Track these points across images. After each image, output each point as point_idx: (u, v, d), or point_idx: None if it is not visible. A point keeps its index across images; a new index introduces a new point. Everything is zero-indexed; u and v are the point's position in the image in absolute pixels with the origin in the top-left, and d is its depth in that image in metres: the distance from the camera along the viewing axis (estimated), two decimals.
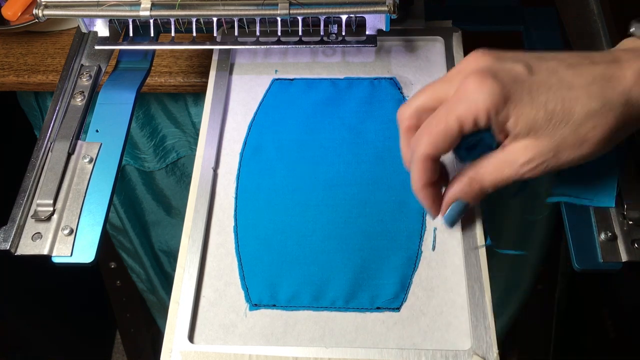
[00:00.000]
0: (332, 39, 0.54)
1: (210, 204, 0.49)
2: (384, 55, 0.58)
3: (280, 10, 0.49)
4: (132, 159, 0.85)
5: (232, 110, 0.55)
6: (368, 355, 0.41)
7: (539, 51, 0.41)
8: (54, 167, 0.49)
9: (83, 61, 0.57)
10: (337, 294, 0.44)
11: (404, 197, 0.48)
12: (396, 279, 0.45)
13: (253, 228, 0.48)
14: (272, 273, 0.46)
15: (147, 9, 0.50)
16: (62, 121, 0.52)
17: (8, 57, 0.71)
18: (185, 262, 0.46)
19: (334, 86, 0.55)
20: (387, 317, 0.44)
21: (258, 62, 0.58)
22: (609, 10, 0.57)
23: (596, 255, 0.44)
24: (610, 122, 0.37)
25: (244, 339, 0.43)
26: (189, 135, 0.82)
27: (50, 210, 0.47)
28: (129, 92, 0.55)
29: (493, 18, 0.61)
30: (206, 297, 0.45)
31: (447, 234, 0.47)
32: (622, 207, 0.45)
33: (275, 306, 0.44)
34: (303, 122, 0.53)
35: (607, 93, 0.37)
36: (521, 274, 1.03)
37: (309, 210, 0.48)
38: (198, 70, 0.69)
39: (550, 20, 0.59)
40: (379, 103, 0.54)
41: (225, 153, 0.52)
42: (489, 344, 0.41)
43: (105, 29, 0.55)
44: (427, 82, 0.55)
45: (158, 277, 1.08)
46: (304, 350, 0.42)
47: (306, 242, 0.47)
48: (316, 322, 0.44)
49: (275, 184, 0.50)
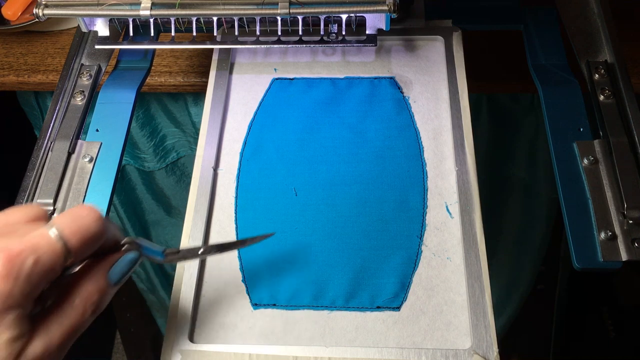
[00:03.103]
0: (332, 38, 0.54)
1: (210, 203, 0.49)
2: (384, 55, 0.58)
3: (280, 10, 0.49)
4: (132, 159, 0.85)
5: (232, 109, 0.55)
6: (368, 354, 0.41)
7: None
8: (54, 166, 0.49)
9: (83, 61, 0.57)
10: (337, 294, 0.44)
11: (404, 197, 0.48)
12: (396, 278, 0.45)
13: (253, 228, 0.48)
14: (272, 272, 0.46)
15: (147, 9, 0.50)
16: (62, 121, 0.52)
17: (8, 57, 0.71)
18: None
19: (334, 85, 0.55)
20: (387, 317, 0.44)
21: (258, 62, 0.58)
22: (609, 10, 0.57)
23: (596, 255, 0.44)
24: None
25: (244, 338, 0.43)
26: (189, 135, 0.82)
27: (51, 209, 0.47)
28: (129, 91, 0.55)
29: (493, 17, 0.61)
30: (206, 297, 0.45)
31: (447, 234, 0.47)
32: (622, 207, 0.45)
33: (275, 305, 0.44)
34: (303, 121, 0.53)
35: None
36: (521, 274, 1.03)
37: (309, 209, 0.48)
38: (198, 70, 0.69)
39: (550, 20, 0.59)
40: (379, 102, 0.54)
41: (225, 153, 0.52)
42: (489, 343, 0.41)
43: (105, 29, 0.55)
44: (427, 82, 0.55)
45: (158, 277, 1.08)
46: (304, 350, 0.42)
47: (306, 242, 0.47)
48: (316, 321, 0.44)
49: (275, 184, 0.50)
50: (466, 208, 0.47)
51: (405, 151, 0.51)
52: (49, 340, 0.32)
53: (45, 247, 0.32)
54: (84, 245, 0.33)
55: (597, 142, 0.49)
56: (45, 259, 0.31)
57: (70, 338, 0.33)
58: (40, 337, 0.32)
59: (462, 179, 0.48)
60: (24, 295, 0.31)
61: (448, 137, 0.52)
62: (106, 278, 0.35)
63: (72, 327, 0.33)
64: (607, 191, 0.47)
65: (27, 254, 0.31)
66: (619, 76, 0.53)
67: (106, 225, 0.34)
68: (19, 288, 0.31)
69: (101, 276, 0.35)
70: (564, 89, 0.53)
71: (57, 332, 0.33)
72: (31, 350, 0.32)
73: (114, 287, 0.35)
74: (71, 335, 0.33)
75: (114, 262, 0.35)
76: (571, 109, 0.52)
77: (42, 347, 0.32)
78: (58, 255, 0.32)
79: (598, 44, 0.56)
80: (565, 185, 0.47)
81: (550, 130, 0.50)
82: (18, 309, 0.31)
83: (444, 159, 0.51)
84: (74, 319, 0.33)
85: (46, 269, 0.32)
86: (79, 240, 0.33)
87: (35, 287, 0.31)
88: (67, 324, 0.33)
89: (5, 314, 0.30)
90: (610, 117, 0.50)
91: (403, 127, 0.52)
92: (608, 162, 0.48)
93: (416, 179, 0.49)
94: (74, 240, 0.33)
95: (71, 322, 0.33)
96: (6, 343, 0.31)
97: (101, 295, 0.34)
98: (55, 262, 0.32)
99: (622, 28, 0.56)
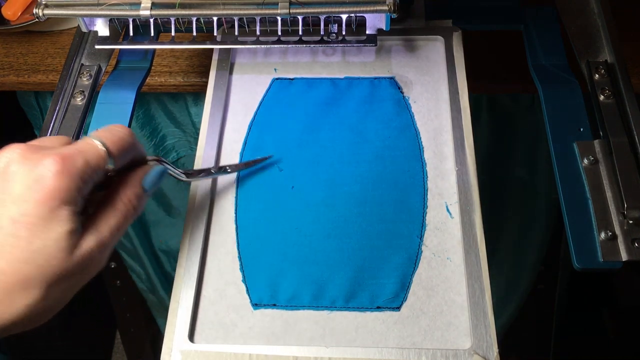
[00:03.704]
0: (332, 38, 0.54)
1: (210, 204, 0.49)
2: (384, 55, 0.58)
3: (280, 10, 0.49)
4: None
5: (232, 109, 0.55)
6: (368, 354, 0.41)
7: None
8: None
9: (83, 61, 0.57)
10: (338, 294, 0.44)
11: (404, 197, 0.48)
12: (396, 278, 0.45)
13: (253, 228, 0.48)
14: (272, 272, 0.46)
15: (147, 9, 0.50)
16: (62, 121, 0.52)
17: (8, 56, 0.71)
18: (185, 262, 0.46)
19: (334, 86, 0.55)
20: (387, 317, 0.44)
21: (258, 62, 0.58)
22: (609, 10, 0.57)
23: (596, 255, 0.44)
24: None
25: (245, 338, 0.43)
26: (189, 135, 0.82)
27: None
28: (129, 91, 0.55)
29: (493, 17, 0.61)
30: (206, 297, 0.45)
31: (447, 234, 0.47)
32: (622, 207, 0.45)
33: (275, 306, 0.44)
34: (303, 121, 0.53)
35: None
36: (521, 274, 1.03)
37: (309, 210, 0.48)
38: (198, 70, 0.69)
39: (550, 20, 0.59)
40: (379, 102, 0.54)
41: (226, 153, 0.52)
42: (489, 344, 0.41)
43: (105, 29, 0.55)
44: (427, 82, 0.55)
45: (158, 277, 1.08)
46: (304, 350, 0.42)
47: (306, 242, 0.47)
48: (316, 321, 0.44)
49: (275, 184, 0.50)
50: (466, 208, 0.47)
51: (405, 151, 0.51)
52: (99, 236, 0.37)
53: (92, 151, 0.37)
54: (122, 151, 0.38)
55: (597, 142, 0.49)
56: (92, 160, 0.36)
57: (114, 235, 0.38)
58: (91, 233, 0.37)
59: (462, 179, 0.48)
60: (77, 191, 0.35)
61: (448, 137, 0.52)
62: (141, 185, 0.40)
63: (117, 225, 0.38)
64: (607, 191, 0.47)
65: (77, 155, 0.36)
66: (619, 76, 0.53)
67: (135, 139, 0.40)
68: (73, 184, 0.35)
69: (137, 182, 0.40)
70: (564, 89, 0.53)
71: (105, 229, 0.38)
72: (85, 244, 0.36)
73: (147, 193, 0.41)
74: (115, 233, 0.38)
75: (145, 173, 0.41)
76: (571, 109, 0.52)
77: (94, 241, 0.37)
78: (102, 157, 0.37)
79: (598, 44, 0.56)
80: (565, 185, 0.47)
81: (550, 130, 0.50)
82: (72, 205, 0.35)
83: (444, 159, 0.51)
84: (118, 218, 0.38)
85: (94, 168, 0.36)
86: (117, 147, 0.38)
87: (85, 184, 0.36)
88: (113, 223, 0.38)
89: (61, 208, 0.35)
90: (610, 117, 0.50)
91: (403, 127, 0.52)
92: (608, 162, 0.48)
93: (416, 179, 0.49)
94: (113, 147, 0.38)
95: (116, 221, 0.38)
96: (65, 234, 0.35)
97: (138, 199, 0.40)
98: (100, 163, 0.37)
99: (622, 28, 0.56)
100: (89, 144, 0.37)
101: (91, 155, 0.37)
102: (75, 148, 0.37)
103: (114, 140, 0.38)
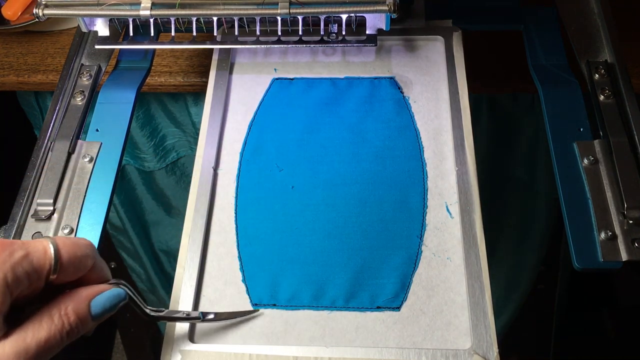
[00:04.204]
0: (332, 38, 0.54)
1: (210, 203, 0.49)
2: (384, 55, 0.58)
3: (280, 10, 0.49)
4: (132, 159, 0.85)
5: (232, 109, 0.55)
6: (368, 354, 0.41)
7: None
8: (54, 166, 0.49)
9: (83, 61, 0.57)
10: (338, 294, 0.44)
11: (404, 197, 0.48)
12: (396, 278, 0.45)
13: (253, 228, 0.48)
14: (272, 272, 0.46)
15: (147, 9, 0.50)
16: (62, 121, 0.52)
17: (8, 56, 0.71)
18: (185, 262, 0.46)
19: (334, 86, 0.55)
20: (387, 317, 0.44)
21: (258, 62, 0.58)
22: (609, 10, 0.57)
23: (596, 255, 0.44)
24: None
25: (244, 338, 0.43)
26: (189, 135, 0.82)
27: (51, 209, 0.47)
28: (129, 91, 0.55)
29: (493, 17, 0.61)
30: (206, 297, 0.45)
31: (447, 234, 0.47)
32: (622, 207, 0.45)
33: (275, 305, 0.44)
34: (303, 121, 0.53)
35: None
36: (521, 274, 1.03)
37: (309, 210, 0.48)
38: (198, 70, 0.69)
39: (550, 20, 0.59)
40: (379, 102, 0.54)
41: (226, 153, 0.52)
42: (489, 343, 0.41)
43: (105, 29, 0.55)
44: (427, 82, 0.55)
45: (158, 277, 1.08)
46: (304, 350, 0.42)
47: (306, 242, 0.47)
48: (316, 321, 0.44)
49: (275, 184, 0.50)
50: (466, 208, 0.47)
51: (405, 151, 0.51)
52: (22, 346, 0.32)
53: (37, 247, 0.33)
54: (73, 259, 0.34)
55: (597, 142, 0.49)
56: (34, 256, 0.32)
57: (43, 350, 0.32)
58: (13, 340, 0.31)
59: (462, 179, 0.48)
60: (5, 286, 0.31)
61: (448, 137, 0.52)
62: (88, 305, 0.35)
63: (47, 339, 0.32)
64: (607, 191, 0.47)
65: (19, 246, 0.32)
66: (619, 76, 0.53)
67: (96, 255, 0.36)
68: (2, 275, 0.30)
69: (83, 299, 0.35)
70: (564, 89, 0.53)
71: (32, 340, 0.32)
72: (1, 350, 0.31)
73: (93, 319, 0.35)
74: (43, 348, 0.32)
75: (98, 292, 0.36)
76: (571, 109, 0.52)
77: (12, 350, 0.31)
78: (47, 258, 0.33)
79: (598, 44, 0.56)
80: (565, 185, 0.47)
81: (550, 130, 0.50)
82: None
83: (444, 159, 0.51)
84: (50, 332, 0.33)
85: (34, 267, 0.32)
86: (69, 254, 0.34)
87: (18, 281, 0.31)
88: (42, 336, 0.32)
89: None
90: (610, 117, 0.50)
91: (403, 127, 0.52)
92: (608, 162, 0.48)
93: (416, 179, 0.49)
94: (64, 252, 0.33)
95: (47, 334, 0.33)
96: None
97: (79, 319, 0.34)
98: (42, 264, 0.32)
99: (622, 28, 0.56)
100: (39, 241, 0.33)
101: (35, 251, 0.32)
102: (21, 241, 0.33)
103: (69, 245, 0.34)
